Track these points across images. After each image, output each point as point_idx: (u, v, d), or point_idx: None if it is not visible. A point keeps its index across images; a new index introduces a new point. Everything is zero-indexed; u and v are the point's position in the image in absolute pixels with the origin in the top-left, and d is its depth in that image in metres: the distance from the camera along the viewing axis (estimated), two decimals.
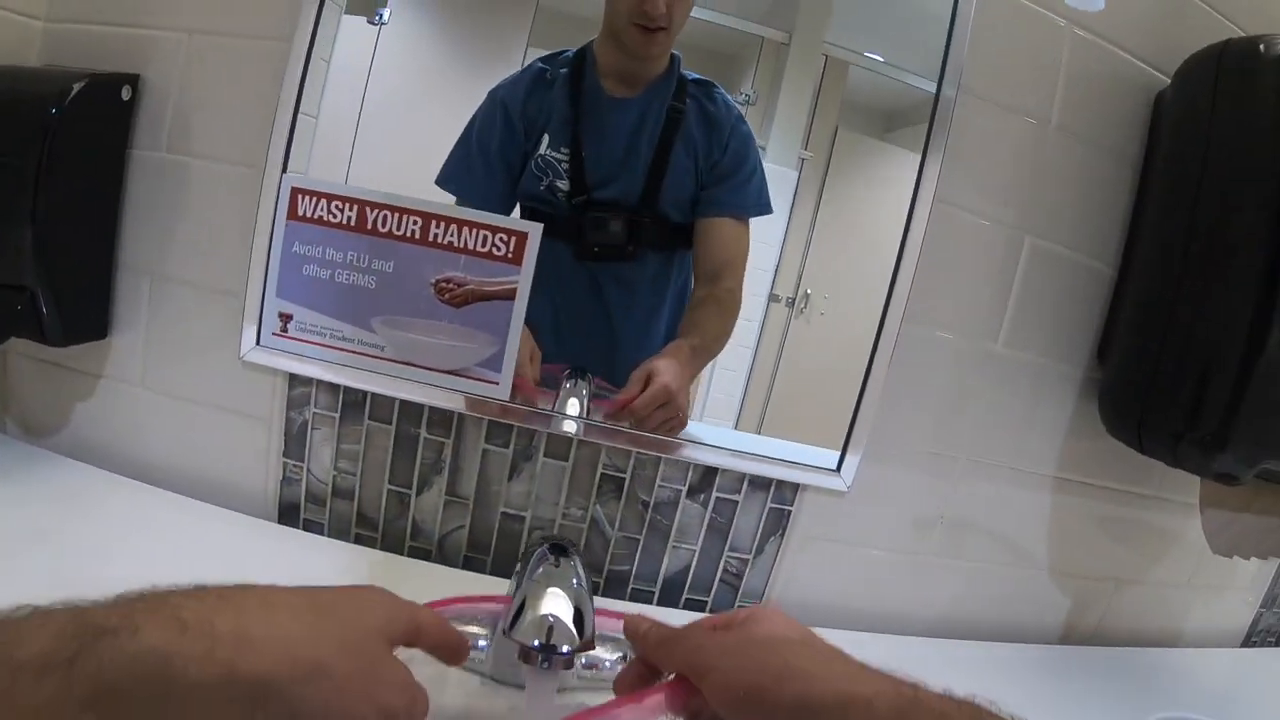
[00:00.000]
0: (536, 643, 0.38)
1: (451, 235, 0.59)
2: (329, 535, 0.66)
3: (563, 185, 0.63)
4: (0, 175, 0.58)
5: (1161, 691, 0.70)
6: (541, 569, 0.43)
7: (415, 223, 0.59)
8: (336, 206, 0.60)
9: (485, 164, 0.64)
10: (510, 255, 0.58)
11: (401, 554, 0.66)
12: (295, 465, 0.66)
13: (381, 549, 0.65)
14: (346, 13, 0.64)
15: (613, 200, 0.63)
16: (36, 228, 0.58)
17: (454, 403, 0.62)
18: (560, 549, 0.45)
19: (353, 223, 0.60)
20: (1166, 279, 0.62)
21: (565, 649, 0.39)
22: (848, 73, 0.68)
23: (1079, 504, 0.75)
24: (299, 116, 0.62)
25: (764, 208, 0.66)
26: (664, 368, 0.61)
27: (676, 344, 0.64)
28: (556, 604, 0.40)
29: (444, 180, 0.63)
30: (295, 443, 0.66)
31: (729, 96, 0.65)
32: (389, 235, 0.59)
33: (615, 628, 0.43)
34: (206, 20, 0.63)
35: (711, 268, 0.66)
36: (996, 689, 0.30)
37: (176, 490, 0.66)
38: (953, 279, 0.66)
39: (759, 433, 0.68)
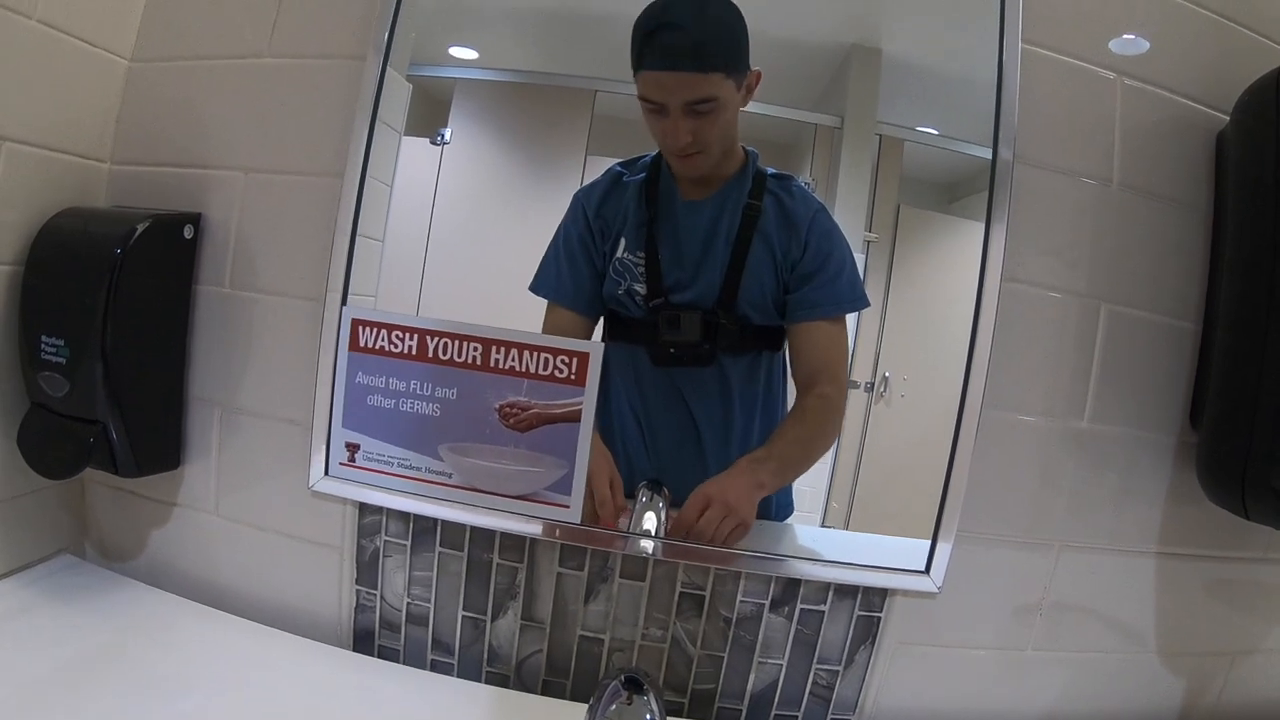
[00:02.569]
0: None
1: (513, 360, 0.58)
2: (404, 662, 0.65)
3: (640, 289, 0.62)
4: (72, 312, 0.60)
5: None
6: (614, 706, 0.42)
7: (476, 349, 0.59)
8: (397, 336, 0.60)
9: (571, 267, 0.64)
10: (573, 377, 0.57)
11: (479, 680, 0.64)
12: (369, 593, 0.65)
13: (458, 675, 0.64)
14: (408, 134, 0.65)
15: (690, 303, 0.62)
16: (106, 362, 0.60)
17: (525, 527, 0.60)
18: (635, 682, 0.44)
19: (414, 352, 0.60)
20: (1253, 328, 0.57)
21: None
22: (903, 149, 0.66)
23: (1184, 576, 0.70)
24: (358, 243, 0.63)
25: (856, 302, 0.63)
26: (724, 494, 0.59)
27: (746, 458, 0.61)
28: None
29: (535, 286, 0.64)
30: (367, 570, 0.65)
31: (809, 190, 0.63)
32: (450, 363, 0.59)
33: None
34: (262, 159, 0.65)
35: (806, 374, 0.64)
36: None
37: (250, 616, 0.66)
38: (1030, 358, 0.62)
39: (847, 526, 0.65)
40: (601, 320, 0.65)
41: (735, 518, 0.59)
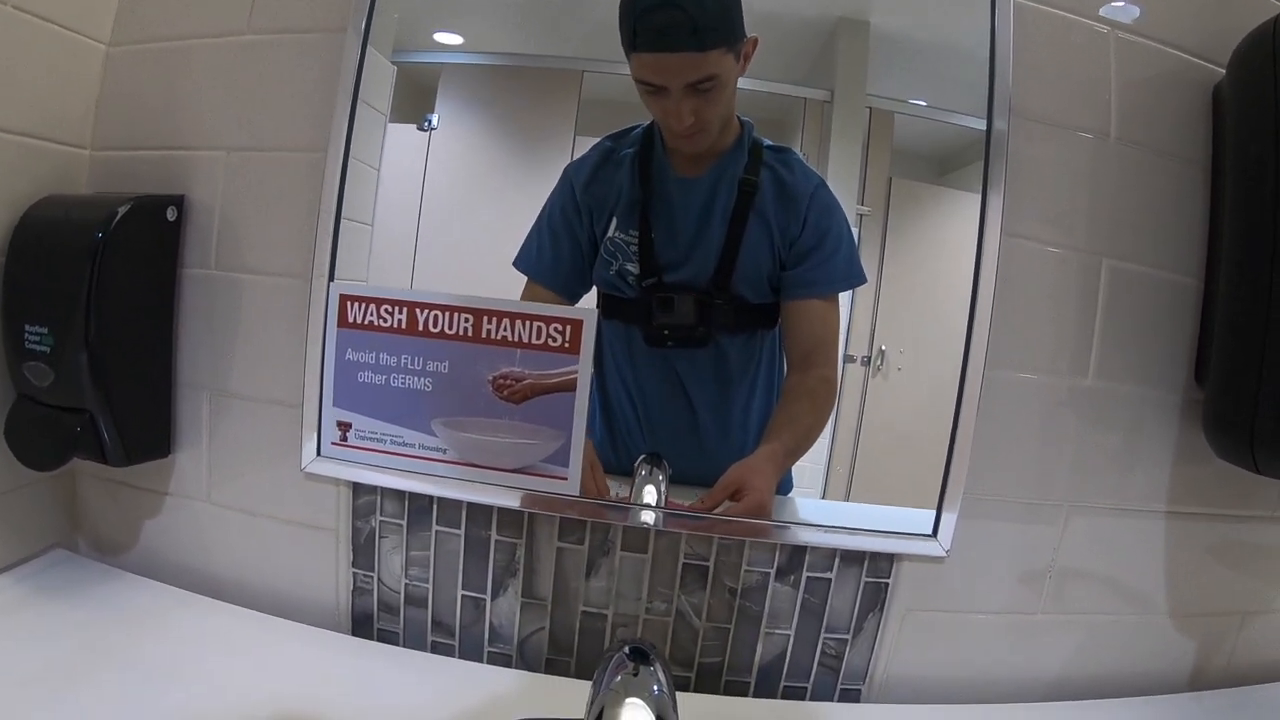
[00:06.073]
0: None
1: (505, 330, 0.57)
2: (405, 645, 0.64)
3: (632, 268, 0.61)
4: (54, 300, 0.59)
5: None
6: (619, 677, 0.40)
7: (467, 320, 0.57)
8: (386, 310, 0.59)
9: (553, 243, 0.62)
10: (567, 345, 0.56)
11: (481, 660, 0.63)
12: (365, 575, 0.64)
13: (459, 656, 0.63)
14: (396, 121, 0.64)
15: (684, 283, 0.60)
16: (91, 350, 0.59)
17: (522, 502, 0.59)
18: (640, 653, 0.42)
19: (404, 325, 0.59)
20: (1255, 280, 0.56)
21: None
22: (893, 122, 0.65)
23: (1193, 536, 0.69)
24: (348, 228, 0.61)
25: (853, 279, 0.62)
26: (757, 483, 0.57)
27: (770, 449, 0.60)
28: (636, 715, 0.38)
29: (517, 261, 0.63)
30: (364, 552, 0.64)
31: (807, 163, 0.62)
32: (441, 335, 0.58)
33: None
34: (244, 137, 0.63)
35: (801, 352, 0.62)
36: None
37: (247, 605, 0.65)
38: (1032, 316, 0.61)
39: (847, 499, 0.64)
40: (595, 300, 0.63)
41: (763, 509, 0.58)
